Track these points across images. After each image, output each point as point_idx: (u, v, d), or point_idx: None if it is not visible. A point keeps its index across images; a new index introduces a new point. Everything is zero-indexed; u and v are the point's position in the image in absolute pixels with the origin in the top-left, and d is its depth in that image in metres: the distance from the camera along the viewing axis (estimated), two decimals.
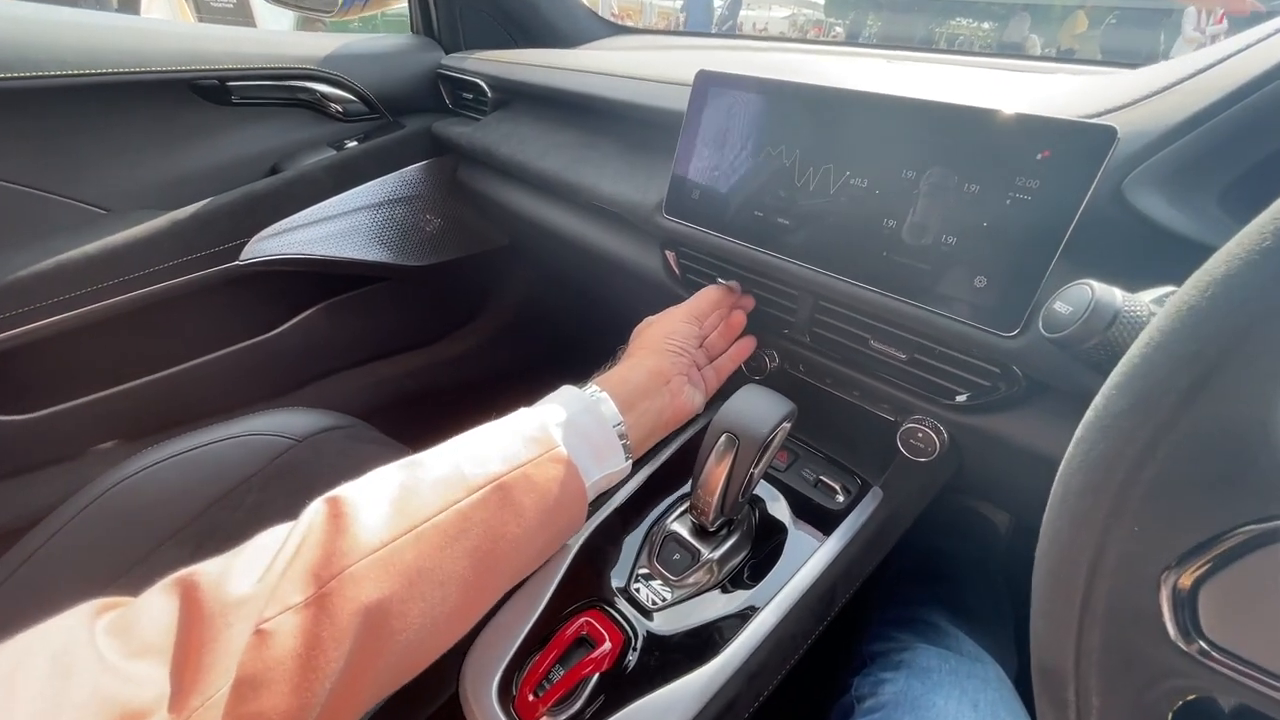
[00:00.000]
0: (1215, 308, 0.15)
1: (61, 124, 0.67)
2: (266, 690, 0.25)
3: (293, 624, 0.26)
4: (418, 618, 0.29)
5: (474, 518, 0.31)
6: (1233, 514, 0.15)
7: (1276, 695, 0.15)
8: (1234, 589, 0.15)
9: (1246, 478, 0.15)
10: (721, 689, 0.35)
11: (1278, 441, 0.14)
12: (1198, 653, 0.16)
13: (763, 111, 0.47)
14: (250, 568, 0.27)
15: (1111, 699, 0.17)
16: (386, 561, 0.28)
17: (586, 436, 0.37)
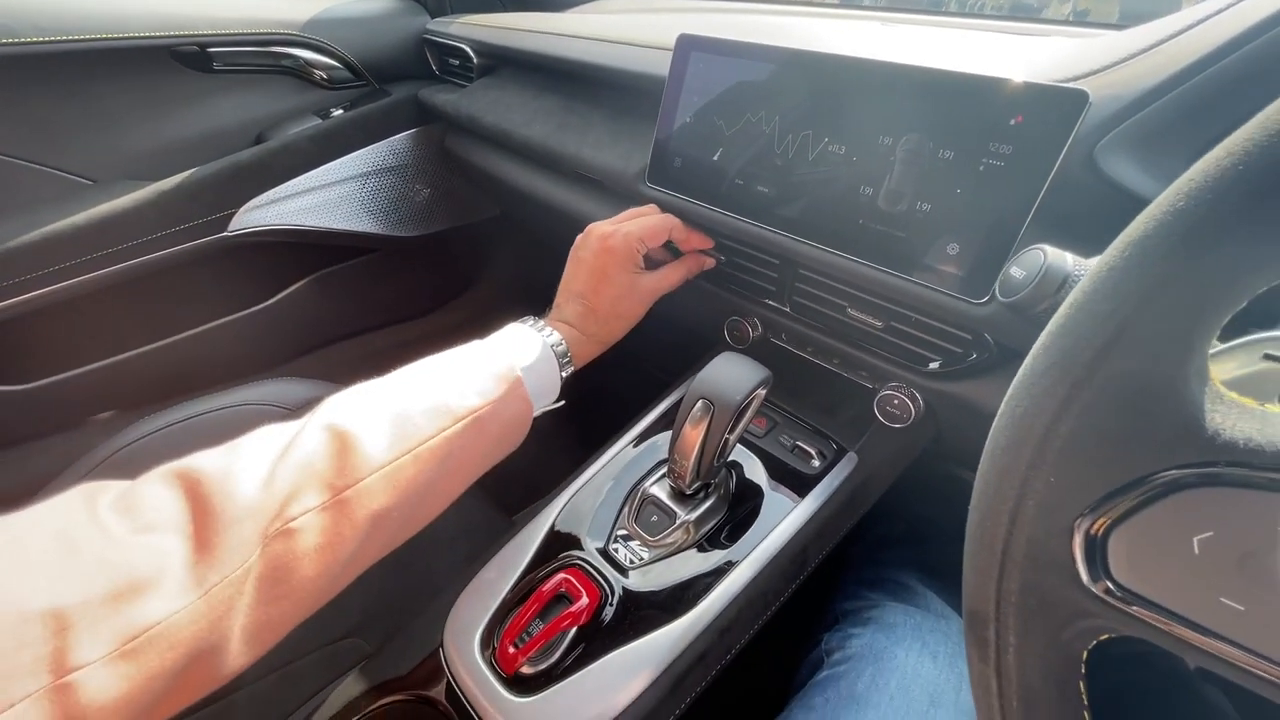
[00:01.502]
0: (1129, 269, 0.15)
1: (42, 92, 0.66)
2: (296, 574, 0.29)
3: (316, 523, 0.30)
4: (406, 517, 0.35)
5: (456, 442, 0.36)
6: (1140, 465, 0.16)
7: (1175, 633, 0.16)
8: (1139, 535, 0.16)
9: (1154, 431, 0.16)
10: (693, 642, 0.37)
11: (1183, 398, 0.15)
12: (1105, 594, 0.17)
13: (743, 76, 0.46)
14: (252, 470, 0.30)
15: (1027, 639, 0.18)
16: (391, 476, 0.33)
17: (540, 376, 0.43)
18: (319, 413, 0.35)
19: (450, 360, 0.40)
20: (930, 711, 0.35)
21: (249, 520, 0.29)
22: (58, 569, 0.25)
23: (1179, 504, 0.16)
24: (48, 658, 0.23)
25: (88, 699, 0.23)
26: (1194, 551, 0.15)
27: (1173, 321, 0.15)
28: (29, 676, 0.23)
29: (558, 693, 0.35)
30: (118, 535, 0.27)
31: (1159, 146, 0.34)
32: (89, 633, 0.24)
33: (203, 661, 0.27)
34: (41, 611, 0.23)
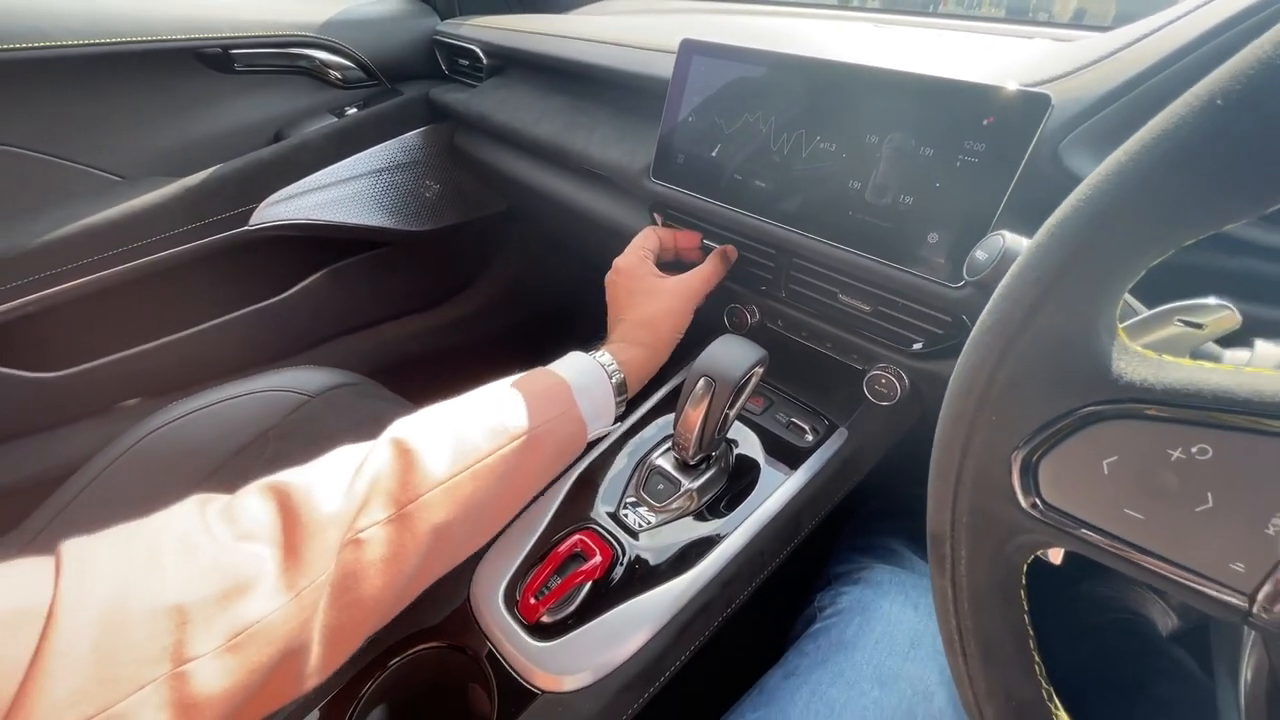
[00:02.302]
0: (1051, 247, 0.19)
1: (75, 93, 0.70)
2: (365, 583, 0.31)
3: (382, 535, 0.32)
4: (467, 532, 0.37)
5: (512, 461, 0.38)
6: (1062, 404, 0.19)
7: (1091, 540, 0.20)
8: (1063, 461, 0.20)
9: (1072, 376, 0.19)
10: (696, 595, 0.41)
11: (1095, 348, 0.19)
12: (1036, 510, 0.20)
13: (741, 79, 0.50)
14: (331, 483, 0.33)
15: (976, 552, 0.22)
16: (451, 491, 0.35)
17: (594, 401, 0.44)
18: (388, 431, 0.37)
19: (511, 383, 0.42)
20: (911, 652, 0.39)
21: (331, 529, 0.31)
22: (180, 569, 0.27)
23: (1092, 435, 0.19)
24: (170, 648, 0.26)
25: (198, 687, 0.26)
26: (1104, 473, 0.19)
27: (1084, 287, 0.19)
28: (155, 663, 0.25)
29: (575, 638, 0.39)
30: (224, 541, 0.29)
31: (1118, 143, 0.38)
32: (204, 627, 0.26)
33: (292, 660, 0.30)
34: (168, 606, 0.26)
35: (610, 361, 0.46)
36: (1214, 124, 0.17)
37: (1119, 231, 0.18)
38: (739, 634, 0.46)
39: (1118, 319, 0.19)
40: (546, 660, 0.38)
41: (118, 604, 0.25)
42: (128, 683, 0.24)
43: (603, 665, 0.37)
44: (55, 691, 0.23)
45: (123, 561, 0.27)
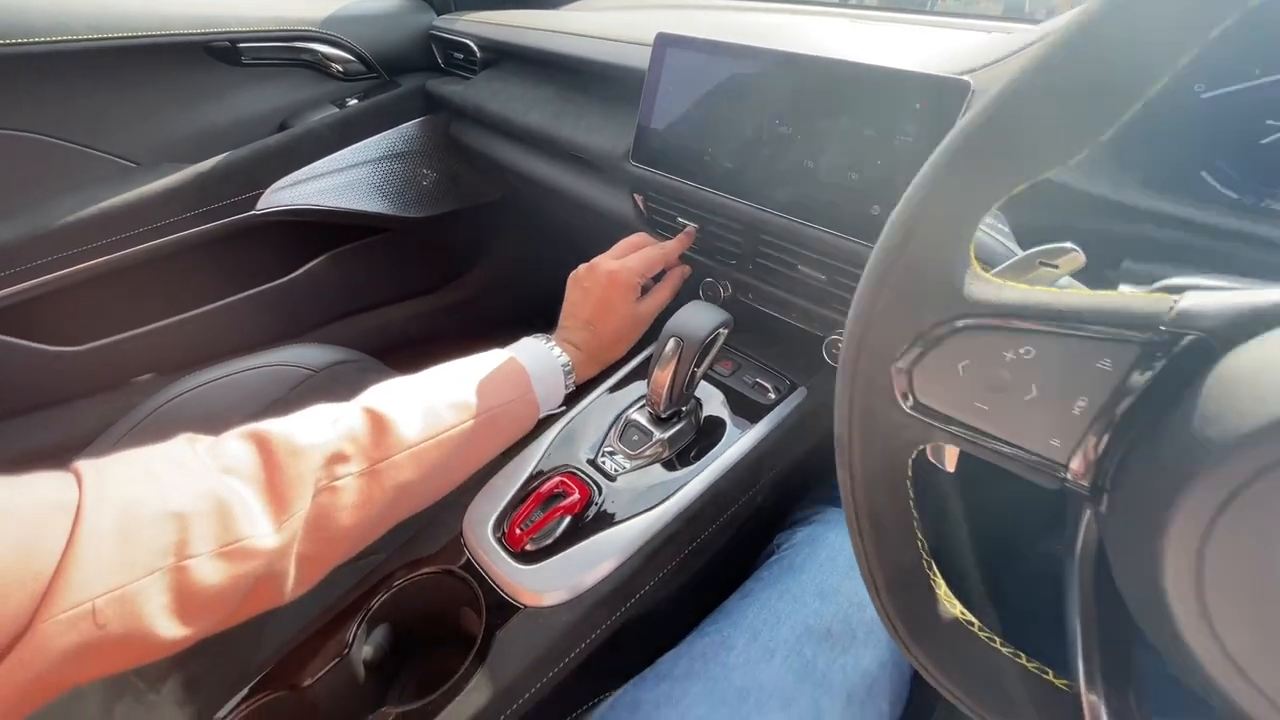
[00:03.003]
0: (913, 195, 0.24)
1: (93, 84, 0.74)
2: (336, 523, 0.36)
3: (354, 485, 0.37)
4: (427, 490, 0.42)
5: (472, 433, 0.43)
6: (928, 320, 0.24)
7: (954, 431, 0.25)
8: (931, 367, 0.25)
9: (934, 299, 0.24)
10: (664, 528, 0.46)
11: (952, 275, 0.24)
12: (913, 409, 0.25)
13: (710, 69, 0.55)
14: (309, 435, 0.37)
15: (868, 445, 0.27)
16: (417, 455, 0.40)
17: (548, 386, 0.49)
18: (364, 397, 0.42)
19: (475, 363, 0.47)
20: (850, 571, 0.44)
21: (307, 475, 0.36)
22: (176, 486, 0.32)
23: (951, 344, 0.24)
24: (174, 545, 0.30)
25: (194, 581, 0.31)
26: (959, 374, 0.24)
27: (940, 228, 0.24)
28: (162, 555, 0.30)
29: (554, 562, 0.44)
30: (212, 470, 0.34)
31: None
32: (200, 533, 0.31)
33: (271, 578, 0.34)
34: (171, 512, 0.31)
35: (562, 358, 0.51)
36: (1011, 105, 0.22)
37: (957, 186, 0.23)
38: (707, 569, 0.51)
39: (972, 253, 0.24)
40: (529, 580, 0.43)
41: (131, 506, 0.30)
42: (140, 568, 0.29)
43: (578, 585, 0.43)
44: (85, 569, 0.27)
45: (131, 476, 0.32)
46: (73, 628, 0.27)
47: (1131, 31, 0.21)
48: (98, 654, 0.28)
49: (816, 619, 0.41)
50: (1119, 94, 0.21)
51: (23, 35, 0.66)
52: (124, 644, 0.29)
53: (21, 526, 0.27)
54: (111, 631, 0.28)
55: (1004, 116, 0.23)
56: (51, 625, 0.26)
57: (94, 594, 0.28)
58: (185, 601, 0.31)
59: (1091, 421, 0.22)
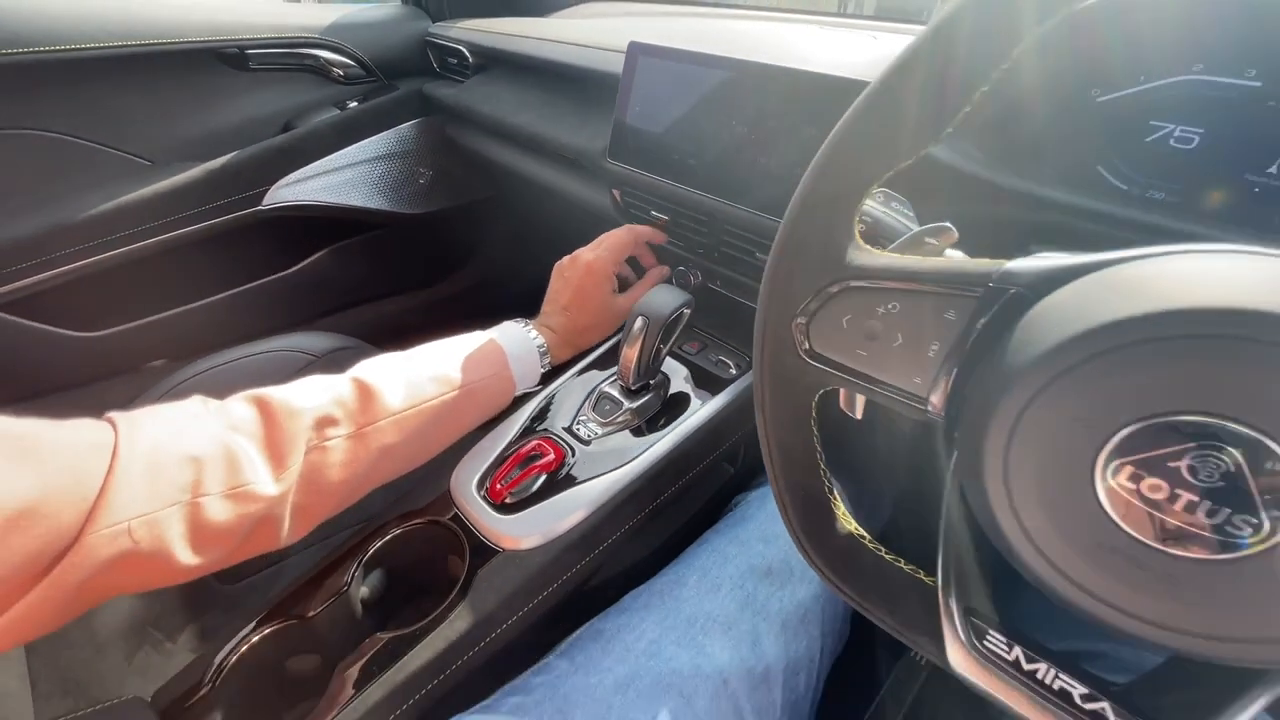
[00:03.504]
0: (803, 188, 0.30)
1: (112, 88, 0.80)
2: (326, 479, 0.41)
3: (343, 446, 0.42)
4: (408, 455, 0.46)
5: (451, 406, 0.48)
6: (818, 283, 0.30)
7: (843, 376, 0.30)
8: (823, 322, 0.30)
9: (822, 264, 0.30)
10: (628, 485, 0.51)
11: (838, 246, 0.29)
12: (809, 357, 0.31)
13: (676, 74, 0.61)
14: (304, 400, 0.42)
15: (775, 390, 0.32)
16: (400, 423, 0.45)
17: (524, 366, 0.55)
18: (354, 369, 0.46)
19: (458, 343, 0.53)
20: None
21: (300, 434, 0.40)
22: (192, 435, 0.37)
23: (836, 302, 0.30)
24: (191, 484, 0.35)
25: (206, 516, 0.36)
26: (844, 327, 0.30)
27: (826, 208, 0.29)
28: (181, 491, 0.35)
29: (531, 512, 0.49)
30: (221, 426, 0.39)
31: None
32: (213, 476, 0.36)
33: (270, 522, 0.39)
34: (189, 455, 0.36)
35: (538, 340, 0.57)
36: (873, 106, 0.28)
37: (836, 173, 0.29)
38: (671, 525, 0.57)
39: (855, 227, 0.30)
40: (508, 527, 0.48)
41: (156, 449, 0.35)
42: (164, 499, 0.34)
43: (551, 531, 0.48)
44: (121, 496, 0.33)
45: (155, 425, 0.36)
46: (113, 542, 0.32)
47: (955, 48, 0.26)
48: (132, 567, 0.34)
49: (759, 559, 0.46)
50: (950, 98, 0.27)
51: (49, 43, 0.72)
52: (151, 561, 0.34)
53: (70, 458, 0.32)
54: (143, 549, 0.33)
55: (868, 116, 0.28)
56: (96, 538, 0.32)
57: (129, 516, 0.33)
58: (198, 533, 0.36)
59: (942, 362, 0.28)
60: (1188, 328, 0.21)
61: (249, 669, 0.44)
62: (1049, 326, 0.24)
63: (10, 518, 0.28)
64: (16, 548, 0.29)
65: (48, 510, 0.30)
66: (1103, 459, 0.22)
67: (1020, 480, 0.24)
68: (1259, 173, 0.41)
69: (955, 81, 0.27)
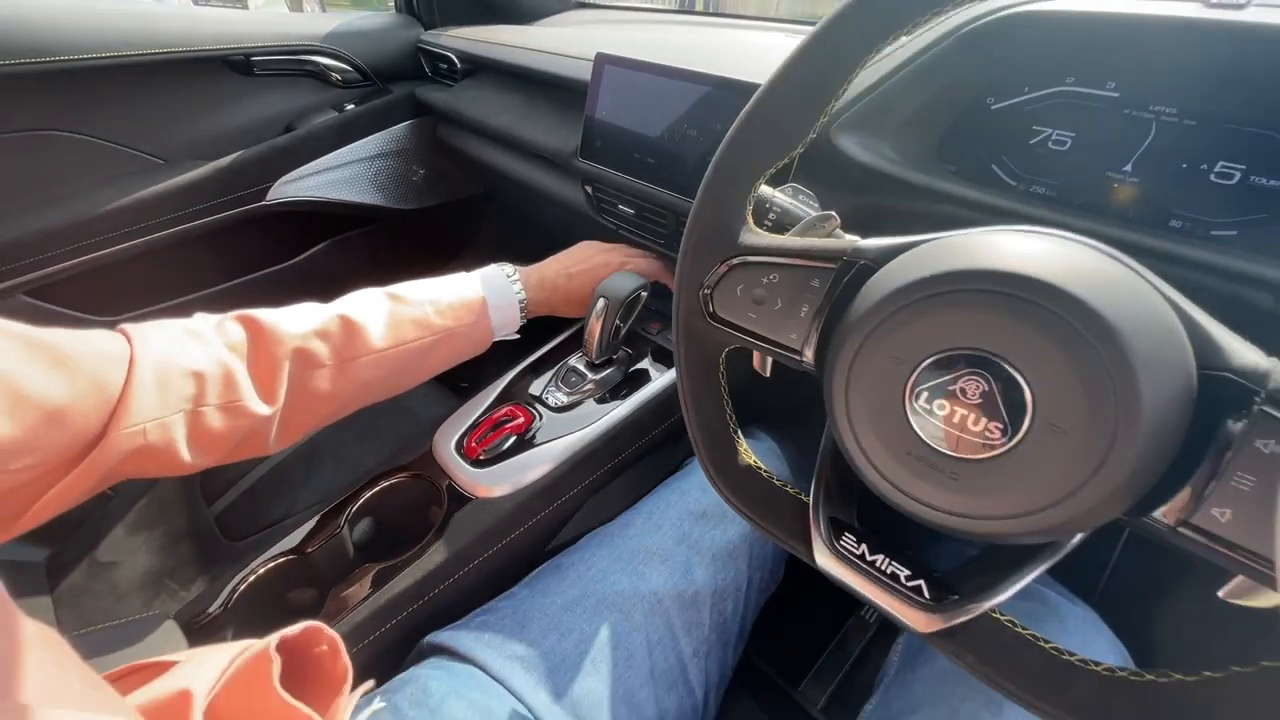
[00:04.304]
0: (705, 179, 0.37)
1: (130, 93, 0.87)
2: (310, 401, 0.47)
3: (326, 375, 0.48)
4: (385, 388, 0.52)
5: (430, 348, 0.53)
6: (718, 258, 0.37)
7: (739, 335, 0.37)
8: (723, 290, 0.37)
9: (719, 243, 0.37)
10: (587, 445, 0.59)
11: (732, 229, 0.37)
12: (713, 320, 0.38)
13: (637, 82, 0.68)
14: (292, 327, 0.47)
15: (688, 347, 0.39)
16: (380, 359, 0.50)
17: (504, 314, 0.59)
18: (341, 303, 0.51)
19: (444, 284, 0.57)
20: None
21: (285, 362, 0.45)
22: (196, 351, 0.42)
23: (733, 275, 0.37)
24: (194, 395, 0.41)
25: (204, 424, 0.41)
26: (738, 295, 0.37)
27: (723, 196, 0.36)
28: (185, 400, 0.40)
29: (501, 466, 0.56)
30: (220, 345, 0.44)
31: (865, 128, 0.55)
32: (212, 389, 0.41)
33: (256, 435, 0.45)
34: (192, 369, 0.41)
35: (520, 293, 0.61)
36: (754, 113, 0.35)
37: (728, 168, 0.36)
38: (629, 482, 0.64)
39: (748, 212, 0.37)
40: (481, 478, 0.56)
41: (165, 362, 0.40)
42: (171, 407, 0.40)
43: (518, 482, 0.55)
44: (137, 402, 0.38)
45: (164, 340, 0.42)
46: (130, 440, 0.38)
47: (807, 73, 0.33)
48: (145, 461, 0.40)
49: (696, 504, 0.53)
50: (809, 109, 0.34)
51: (75, 52, 0.79)
52: (161, 457, 0.40)
53: (94, 368, 0.37)
54: (154, 447, 0.39)
55: (748, 128, 0.35)
56: (118, 436, 0.37)
57: (143, 420, 0.38)
58: (197, 437, 0.42)
59: (811, 321, 0.35)
60: (960, 284, 0.28)
61: (256, 595, 0.51)
62: (878, 288, 0.31)
63: (49, 417, 0.34)
64: (54, 442, 0.35)
65: (78, 412, 0.36)
66: (909, 387, 0.29)
67: (857, 408, 0.31)
68: (1117, 170, 0.48)
69: (803, 110, 0.34)
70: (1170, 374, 0.24)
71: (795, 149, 0.35)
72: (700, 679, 0.47)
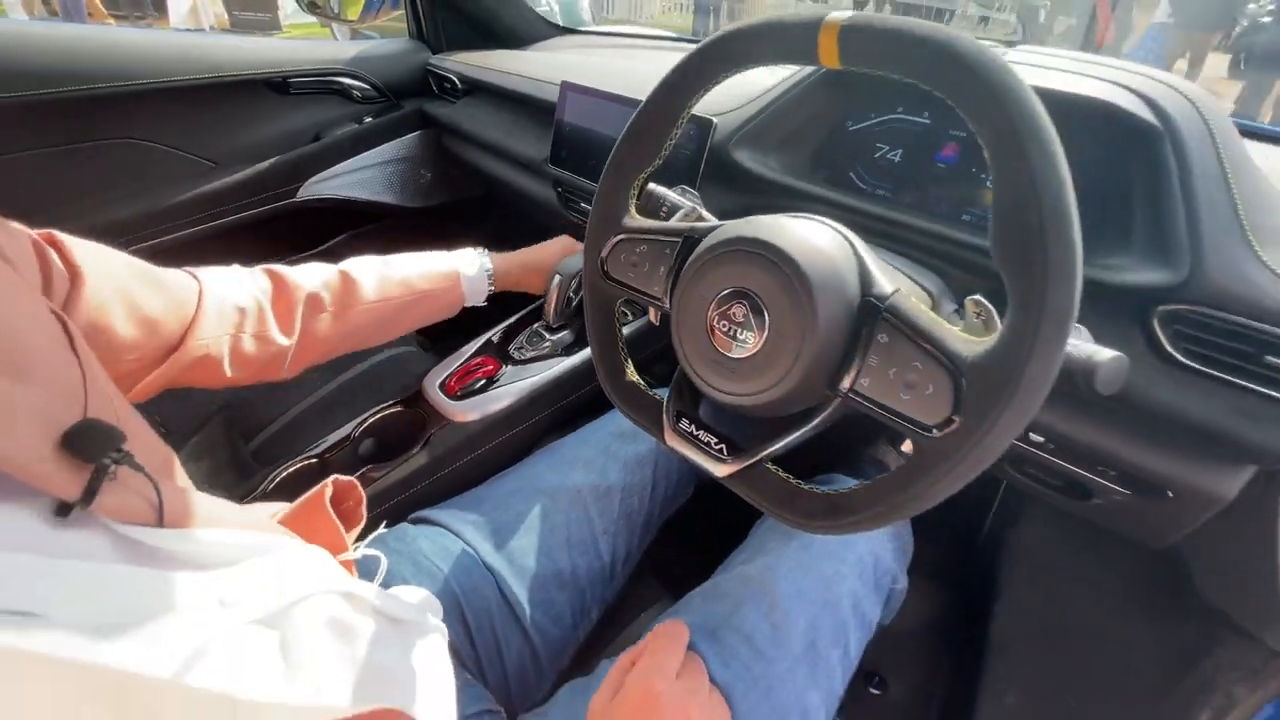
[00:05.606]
0: (602, 177, 0.53)
1: (188, 108, 1.06)
2: (314, 339, 0.60)
3: (328, 318, 0.62)
4: (373, 334, 0.67)
5: (411, 305, 0.68)
6: (611, 235, 0.54)
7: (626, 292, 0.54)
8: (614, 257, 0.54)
9: (611, 223, 0.54)
10: (543, 384, 0.76)
11: (619, 214, 0.53)
12: (606, 279, 0.54)
13: (592, 104, 0.85)
14: (306, 281, 0.60)
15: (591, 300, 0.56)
16: (370, 309, 0.64)
17: (474, 285, 0.75)
18: (344, 263, 0.65)
19: (427, 258, 0.74)
20: None
21: (300, 304, 0.58)
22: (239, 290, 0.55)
23: (619, 246, 0.54)
24: (236, 324, 0.54)
25: (240, 347, 0.54)
26: (622, 260, 0.54)
27: (612, 193, 0.53)
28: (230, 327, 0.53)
29: (473, 400, 0.74)
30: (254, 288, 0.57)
31: (756, 144, 0.72)
32: (248, 320, 0.55)
33: (276, 362, 0.58)
34: (239, 305, 0.54)
35: (488, 265, 0.76)
36: (626, 134, 0.51)
37: (613, 171, 0.52)
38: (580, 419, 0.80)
39: (632, 206, 0.53)
40: (457, 408, 0.73)
41: (219, 296, 0.53)
42: (223, 330, 0.54)
43: (484, 410, 0.73)
44: (203, 322, 0.52)
45: (221, 282, 0.55)
46: (197, 350, 0.51)
47: (651, 117, 0.50)
48: (201, 369, 0.52)
49: (618, 428, 0.70)
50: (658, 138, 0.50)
51: (147, 77, 0.99)
52: (211, 369, 0.53)
53: (178, 295, 0.51)
54: (210, 359, 0.53)
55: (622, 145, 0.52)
56: (190, 345, 0.50)
57: (206, 337, 0.51)
58: (235, 358, 0.54)
59: (666, 277, 0.51)
60: (731, 247, 0.44)
61: (284, 489, 0.69)
62: (695, 253, 0.47)
63: (151, 325, 0.48)
64: (150, 344, 0.48)
65: (167, 324, 0.49)
66: (710, 312, 0.45)
67: (684, 332, 0.47)
68: (930, 178, 0.64)
69: (654, 138, 0.51)
70: (839, 298, 0.41)
71: (655, 162, 0.52)
72: (609, 550, 0.63)
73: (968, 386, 0.35)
